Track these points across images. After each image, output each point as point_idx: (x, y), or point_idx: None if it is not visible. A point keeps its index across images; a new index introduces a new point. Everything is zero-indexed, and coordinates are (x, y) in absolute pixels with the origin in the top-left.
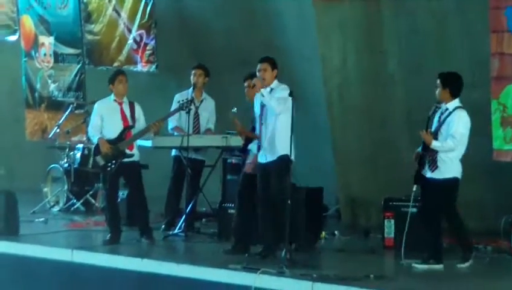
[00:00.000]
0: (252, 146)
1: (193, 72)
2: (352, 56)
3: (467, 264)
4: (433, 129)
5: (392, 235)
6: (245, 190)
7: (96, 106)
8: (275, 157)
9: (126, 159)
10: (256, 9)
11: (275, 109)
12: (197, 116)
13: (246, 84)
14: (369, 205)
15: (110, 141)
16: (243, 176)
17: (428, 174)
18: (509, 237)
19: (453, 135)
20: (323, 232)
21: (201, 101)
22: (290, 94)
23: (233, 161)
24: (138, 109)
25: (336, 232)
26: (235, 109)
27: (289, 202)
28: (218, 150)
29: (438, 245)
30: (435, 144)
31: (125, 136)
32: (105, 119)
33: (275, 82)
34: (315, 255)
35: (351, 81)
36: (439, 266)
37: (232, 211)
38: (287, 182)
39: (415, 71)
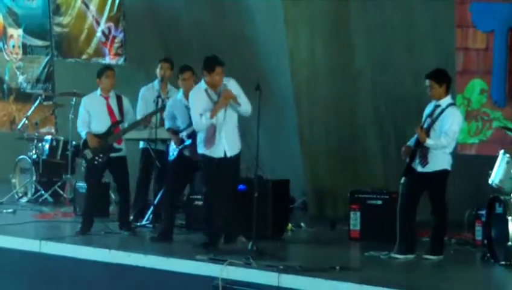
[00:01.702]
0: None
1: (160, 65)
2: (320, 50)
3: (437, 258)
4: (425, 125)
5: (358, 227)
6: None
7: (83, 100)
8: (237, 152)
9: (114, 154)
10: (226, 2)
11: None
12: (163, 108)
13: (182, 76)
14: (336, 197)
15: (98, 136)
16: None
17: (419, 168)
18: (473, 229)
19: (446, 132)
20: (290, 224)
21: (167, 93)
22: (257, 88)
23: None
24: (126, 103)
25: (302, 224)
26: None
27: (256, 194)
28: None
29: (413, 236)
30: (428, 142)
31: (113, 130)
32: (92, 114)
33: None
34: (281, 247)
35: (318, 75)
36: (412, 256)
37: (199, 202)
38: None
39: (383, 65)
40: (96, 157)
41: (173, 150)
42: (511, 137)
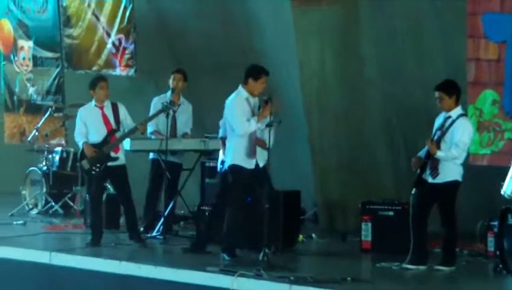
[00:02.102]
0: None
1: (172, 76)
2: (330, 60)
3: (449, 269)
4: (435, 137)
5: (370, 238)
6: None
7: (79, 112)
8: (264, 162)
9: (112, 163)
10: (235, 13)
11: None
12: (174, 119)
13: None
14: (347, 208)
15: (95, 145)
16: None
17: (430, 179)
18: (485, 240)
19: (456, 143)
20: (301, 235)
21: (179, 105)
22: (268, 99)
23: (211, 164)
24: (122, 110)
25: (313, 235)
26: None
27: (267, 205)
28: (194, 153)
29: (424, 247)
30: (439, 154)
31: (109, 139)
32: (88, 125)
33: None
34: (292, 258)
35: (328, 86)
36: (424, 267)
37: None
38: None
39: (393, 75)
40: (94, 168)
41: (222, 163)
42: None
